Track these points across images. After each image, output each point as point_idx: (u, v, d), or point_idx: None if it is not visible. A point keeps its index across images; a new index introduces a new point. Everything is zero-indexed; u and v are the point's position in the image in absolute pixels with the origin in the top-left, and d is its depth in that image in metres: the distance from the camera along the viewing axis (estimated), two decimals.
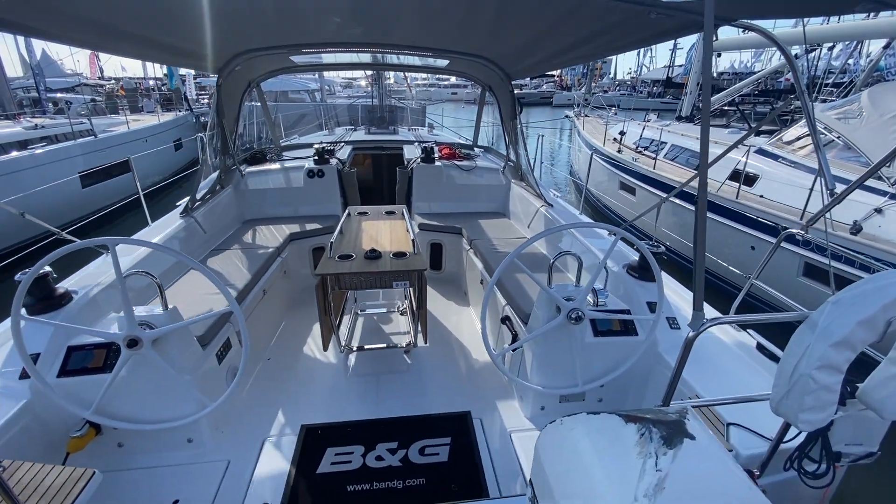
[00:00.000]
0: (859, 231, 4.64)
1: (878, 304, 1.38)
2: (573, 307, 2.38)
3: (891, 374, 1.61)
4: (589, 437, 1.25)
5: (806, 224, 2.47)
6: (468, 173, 5.03)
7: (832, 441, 1.76)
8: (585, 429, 1.25)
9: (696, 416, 1.27)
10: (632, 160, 8.55)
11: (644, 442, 1.14)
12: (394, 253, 2.90)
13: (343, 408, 2.82)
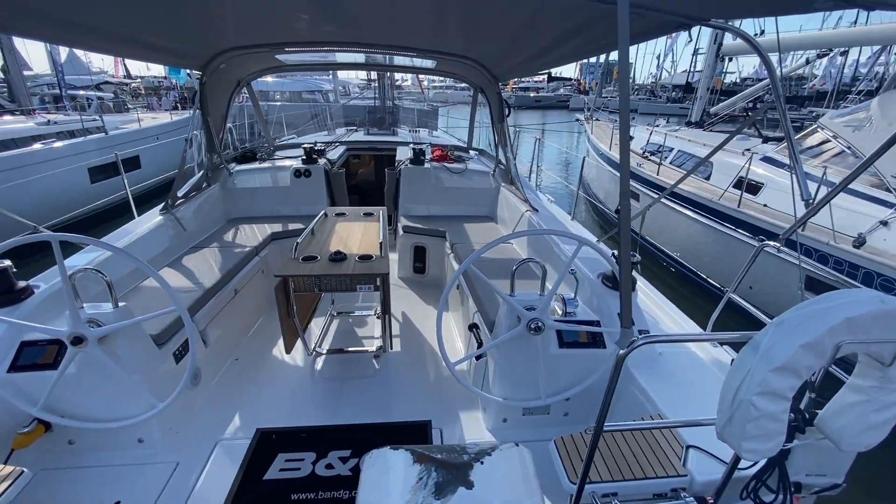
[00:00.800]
0: (863, 244, 4.42)
1: (823, 327, 1.27)
2: (533, 317, 2.30)
3: (849, 402, 1.49)
4: (383, 474, 1.17)
5: (781, 237, 2.34)
6: (457, 176, 4.96)
7: (791, 470, 1.65)
8: (384, 465, 1.16)
9: (511, 455, 1.19)
10: (636, 165, 8.37)
11: (418, 488, 1.06)
12: (359, 256, 2.85)
13: (302, 412, 2.77)
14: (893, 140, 1.97)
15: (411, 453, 1.09)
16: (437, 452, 1.08)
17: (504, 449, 1.24)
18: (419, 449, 1.12)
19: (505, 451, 1.23)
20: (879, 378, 1.40)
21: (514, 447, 1.33)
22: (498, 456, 1.19)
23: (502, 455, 1.20)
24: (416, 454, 1.10)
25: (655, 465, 1.91)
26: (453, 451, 1.14)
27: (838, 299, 1.32)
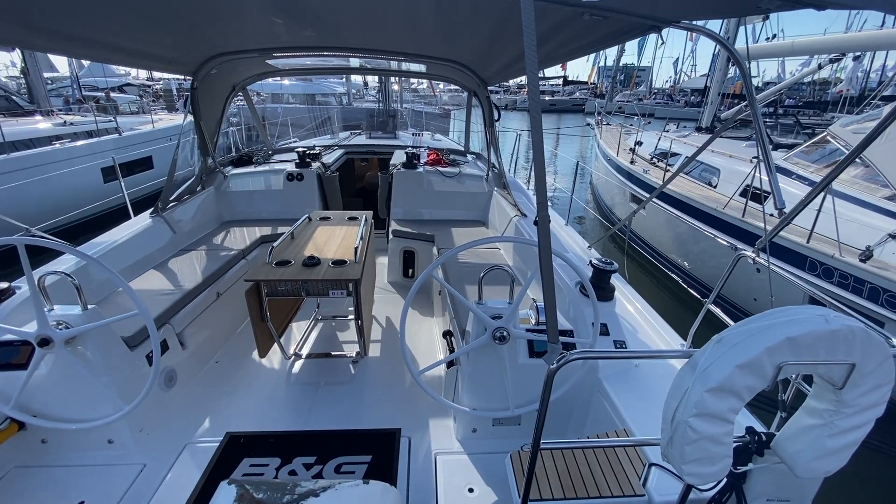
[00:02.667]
0: (869, 258, 4.25)
1: (760, 347, 1.20)
2: (498, 326, 2.26)
3: (805, 425, 1.41)
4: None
5: (757, 248, 2.25)
6: (450, 180, 4.93)
7: (750, 494, 1.58)
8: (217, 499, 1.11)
9: (360, 495, 1.05)
10: (643, 171, 8.22)
11: None
12: (333, 261, 2.84)
13: (274, 417, 2.77)
14: (869, 141, 1.88)
15: (237, 487, 0.97)
16: (264, 491, 0.93)
17: (353, 487, 1.04)
18: (248, 485, 0.98)
19: (352, 490, 1.03)
20: (834, 402, 1.33)
21: (372, 486, 1.11)
22: (335, 496, 1.00)
23: (346, 495, 1.02)
24: (240, 490, 0.97)
25: (613, 484, 1.84)
26: (280, 490, 0.96)
27: (781, 317, 1.25)
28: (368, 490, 1.09)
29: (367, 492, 1.06)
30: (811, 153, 6.25)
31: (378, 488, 1.11)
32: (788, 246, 4.91)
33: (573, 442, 1.57)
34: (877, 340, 1.24)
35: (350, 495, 1.00)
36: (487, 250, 4.03)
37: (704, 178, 7.33)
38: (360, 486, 1.05)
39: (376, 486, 1.11)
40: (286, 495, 0.85)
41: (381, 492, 1.12)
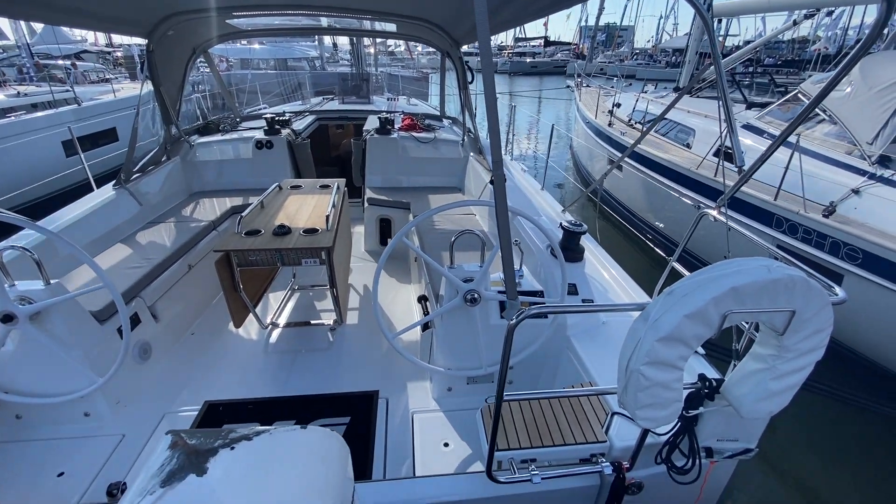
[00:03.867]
0: (832, 213, 4.39)
1: (707, 297, 1.25)
2: (469, 289, 2.30)
3: (750, 370, 1.50)
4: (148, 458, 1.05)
5: (718, 204, 2.31)
6: (425, 146, 4.86)
7: (702, 436, 1.68)
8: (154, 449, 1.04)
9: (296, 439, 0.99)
10: (620, 134, 8.21)
11: (154, 475, 0.90)
12: (305, 229, 2.82)
13: (252, 385, 2.80)
14: (824, 95, 1.91)
15: (171, 436, 0.92)
16: (197, 437, 0.88)
17: (289, 432, 0.99)
18: (183, 433, 0.92)
19: (288, 436, 0.97)
20: (776, 347, 1.40)
21: (310, 431, 1.04)
22: (270, 441, 0.94)
23: (280, 439, 0.96)
24: (174, 437, 0.91)
25: (577, 432, 1.94)
26: (213, 436, 0.91)
27: (727, 268, 1.30)
28: (306, 436, 1.02)
29: (305, 438, 1.00)
30: (784, 112, 6.30)
31: (316, 434, 1.04)
32: (756, 203, 5.03)
33: (534, 393, 1.64)
34: (816, 288, 1.30)
35: (285, 440, 0.96)
36: (463, 216, 4.04)
37: (680, 139, 7.36)
38: (296, 432, 1.01)
39: (314, 431, 1.06)
40: (218, 440, 0.83)
41: (320, 438, 1.03)
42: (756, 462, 3.48)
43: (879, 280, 3.91)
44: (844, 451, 3.59)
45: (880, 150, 4.49)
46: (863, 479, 3.37)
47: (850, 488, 3.31)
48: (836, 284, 1.59)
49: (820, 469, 3.46)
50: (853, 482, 3.35)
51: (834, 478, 3.38)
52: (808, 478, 3.40)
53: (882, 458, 3.52)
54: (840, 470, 3.44)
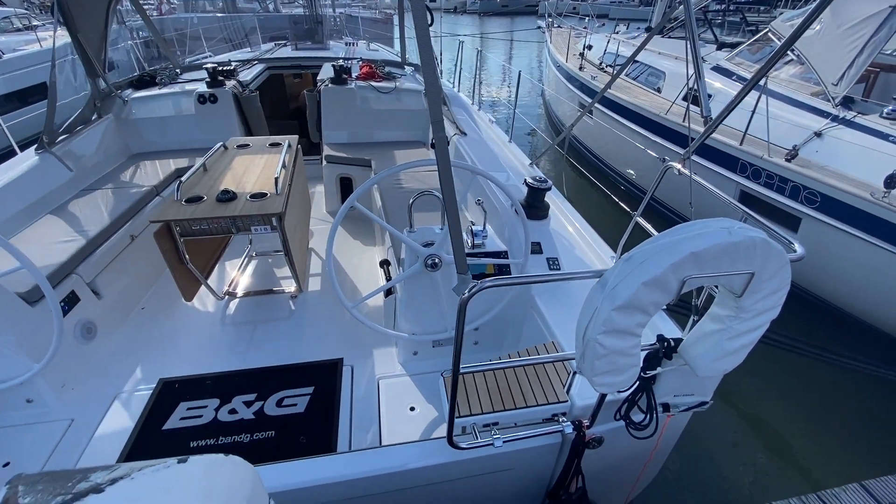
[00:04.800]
0: (795, 157, 4.40)
1: (665, 263, 1.20)
2: (430, 253, 2.21)
3: (706, 331, 1.48)
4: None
5: (683, 156, 2.23)
6: (386, 96, 4.56)
7: (659, 392, 1.69)
8: None
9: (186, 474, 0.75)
10: (591, 78, 7.95)
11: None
12: (252, 194, 2.62)
13: (211, 359, 2.70)
14: (796, 36, 1.81)
15: (6, 488, 0.66)
16: (43, 482, 0.65)
17: (160, 471, 0.72)
18: (23, 482, 0.66)
19: (156, 477, 0.71)
20: (734, 308, 1.38)
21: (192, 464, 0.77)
22: (130, 488, 0.68)
23: (144, 485, 0.70)
24: (9, 490, 0.65)
25: (540, 394, 1.94)
26: (61, 484, 0.65)
27: (687, 232, 1.24)
28: (184, 472, 0.74)
29: (181, 474, 0.73)
30: (755, 52, 6.17)
31: (198, 467, 0.76)
32: (721, 149, 5.01)
33: (490, 364, 1.60)
34: (776, 249, 1.26)
35: (149, 484, 0.69)
36: (428, 173, 3.86)
37: (651, 83, 7.19)
38: (170, 469, 0.73)
39: (196, 463, 0.77)
40: (59, 496, 0.62)
41: (203, 471, 0.76)
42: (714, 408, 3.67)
43: (834, 223, 4.01)
44: (797, 397, 3.82)
45: (844, 92, 4.47)
46: (820, 426, 3.62)
47: (805, 433, 3.54)
48: (793, 231, 1.58)
49: (774, 415, 3.68)
50: (808, 428, 3.59)
51: (790, 424, 3.61)
52: (764, 423, 3.62)
53: (835, 405, 3.77)
54: (792, 413, 3.68)
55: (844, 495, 1.57)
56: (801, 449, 3.30)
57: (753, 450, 3.30)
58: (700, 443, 3.32)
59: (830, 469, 3.14)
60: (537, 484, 2.02)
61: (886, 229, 3.67)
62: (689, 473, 3.11)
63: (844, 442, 3.34)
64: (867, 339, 4.18)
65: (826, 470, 3.14)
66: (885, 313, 3.95)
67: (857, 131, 4.25)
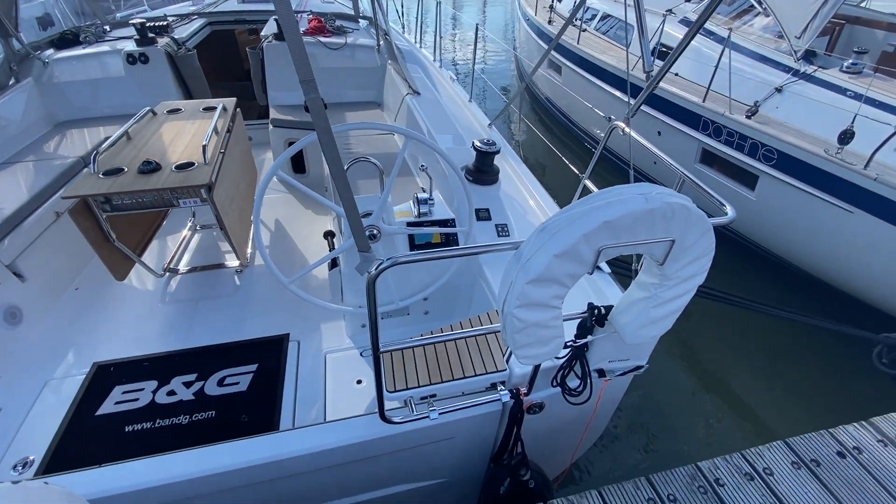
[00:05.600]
0: (755, 114, 4.36)
1: (578, 234, 1.13)
2: (368, 224, 2.10)
3: (633, 299, 1.45)
4: None
5: (626, 115, 2.14)
6: (336, 53, 4.26)
7: (594, 359, 1.69)
8: None
9: None
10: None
11: None
12: (177, 165, 2.42)
13: (150, 340, 2.58)
14: None
15: None
16: None
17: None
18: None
19: None
20: (658, 275, 1.35)
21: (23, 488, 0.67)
22: None
23: None
24: None
25: (479, 364, 1.92)
26: None
27: (601, 199, 1.17)
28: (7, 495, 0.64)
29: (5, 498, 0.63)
30: (729, 4, 6.00)
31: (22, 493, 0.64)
32: (685, 106, 4.94)
33: (413, 341, 1.54)
34: (696, 215, 1.21)
35: None
36: (380, 138, 3.67)
37: (619, 38, 6.96)
38: None
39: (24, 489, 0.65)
40: None
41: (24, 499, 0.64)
42: (666, 366, 3.78)
43: (790, 180, 4.04)
44: (749, 351, 3.95)
45: (806, 45, 4.40)
46: (770, 380, 3.76)
47: (755, 388, 3.68)
48: (751, 189, 1.54)
49: (725, 370, 3.81)
50: (759, 382, 3.73)
51: (741, 378, 3.74)
52: (715, 378, 3.74)
53: (786, 359, 3.91)
54: (744, 367, 3.81)
55: (768, 453, 1.62)
56: (752, 402, 3.45)
57: (703, 404, 3.44)
58: (651, 399, 3.43)
59: (777, 421, 3.30)
60: (481, 449, 2.04)
61: (839, 186, 3.71)
62: (637, 430, 3.22)
63: (793, 395, 3.50)
64: (818, 293, 4.33)
65: (773, 422, 3.30)
66: (837, 269, 4.06)
67: (817, 86, 4.22)
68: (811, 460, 1.60)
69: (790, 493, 1.48)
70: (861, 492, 1.49)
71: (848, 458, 1.59)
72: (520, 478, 1.94)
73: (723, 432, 3.22)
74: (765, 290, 4.53)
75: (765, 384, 3.54)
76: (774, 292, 4.50)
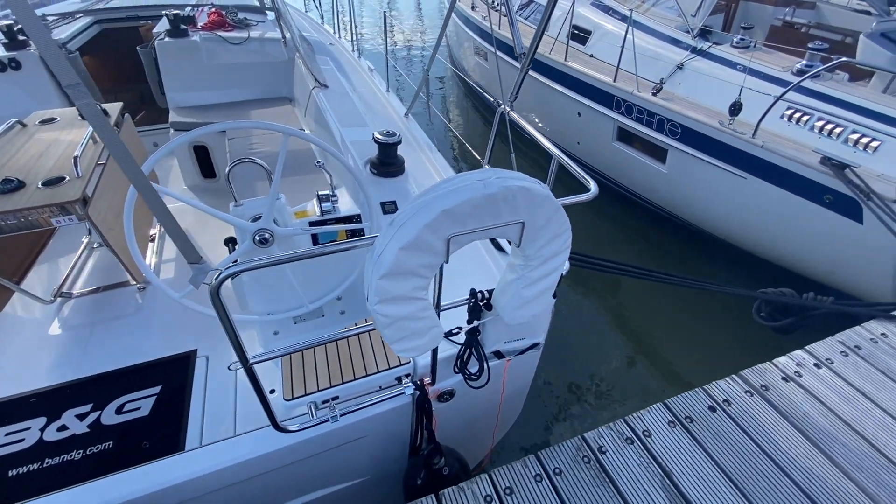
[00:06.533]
0: (660, 91, 4.58)
1: (419, 225, 1.13)
2: (259, 228, 2.02)
3: (507, 281, 1.48)
4: None
5: (509, 101, 2.18)
6: (237, 48, 4.05)
7: (489, 342, 1.72)
8: None
9: None
10: (481, 18, 7.67)
11: None
12: (45, 180, 2.22)
13: (35, 374, 2.38)
14: None
15: None
16: None
17: None
18: None
19: None
20: (522, 257, 1.39)
21: None
22: None
23: None
24: None
25: (382, 360, 1.92)
26: None
27: (442, 189, 1.18)
28: None
29: None
30: None
31: None
32: (599, 86, 5.10)
33: (286, 349, 1.51)
34: (540, 196, 1.24)
35: None
36: (293, 139, 3.54)
37: (539, 21, 7.07)
38: None
39: None
40: None
41: None
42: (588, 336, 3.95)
43: (693, 151, 4.29)
44: (662, 316, 4.20)
45: (701, 23, 4.65)
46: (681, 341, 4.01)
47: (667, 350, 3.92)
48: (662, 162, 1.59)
49: (644, 334, 4.03)
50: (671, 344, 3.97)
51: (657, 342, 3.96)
52: (633, 344, 3.95)
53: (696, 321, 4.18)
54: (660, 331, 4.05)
55: (648, 415, 1.73)
56: (663, 357, 3.69)
57: (621, 373, 3.63)
58: (571, 369, 3.58)
59: (684, 378, 3.54)
60: (398, 444, 2.05)
61: (733, 154, 3.98)
62: (562, 405, 3.36)
63: (697, 350, 3.77)
64: (727, 256, 4.67)
65: (681, 379, 3.54)
66: (738, 230, 4.39)
67: (713, 62, 4.48)
68: (685, 417, 1.72)
69: (664, 450, 1.60)
70: (726, 440, 1.64)
71: (718, 412, 1.74)
72: (433, 467, 1.97)
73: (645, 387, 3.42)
74: (683, 259, 4.84)
75: (674, 344, 3.79)
76: (692, 261, 4.81)
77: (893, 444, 1.66)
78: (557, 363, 3.61)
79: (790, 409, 1.76)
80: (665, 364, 3.66)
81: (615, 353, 3.76)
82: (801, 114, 3.78)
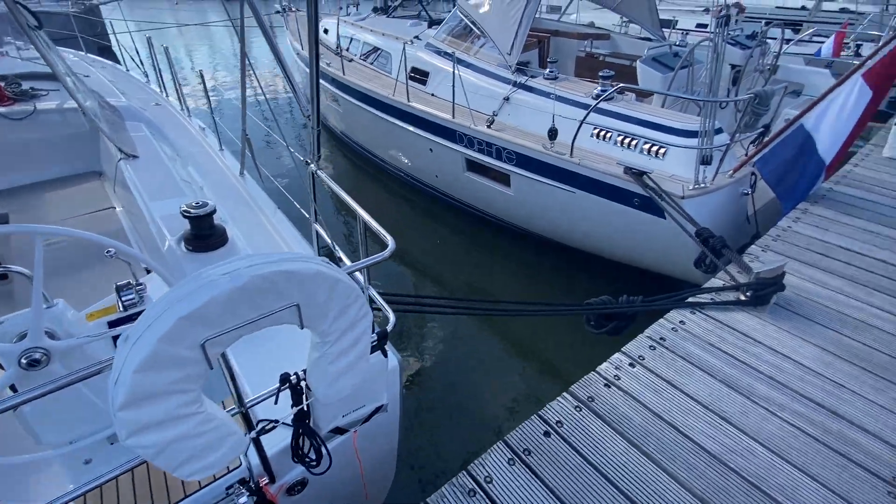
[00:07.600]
0: (493, 122, 4.96)
1: (153, 340, 0.96)
2: (25, 349, 1.66)
3: (313, 360, 1.37)
4: None
5: (312, 161, 2.14)
6: (24, 124, 3.48)
7: (324, 421, 1.57)
8: None
9: None
10: (326, 65, 7.69)
11: None
12: None
13: None
14: None
15: None
16: None
17: None
18: None
19: None
20: (318, 334, 1.30)
21: None
22: None
23: None
24: None
25: None
26: None
27: (178, 291, 1.03)
28: None
29: None
30: (454, 28, 6.67)
31: None
32: (442, 123, 5.37)
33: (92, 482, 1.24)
34: (309, 275, 1.16)
35: None
36: (98, 215, 3.10)
37: (382, 66, 7.30)
38: None
39: None
40: None
41: None
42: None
43: (529, 174, 4.72)
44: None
45: (516, 59, 5.16)
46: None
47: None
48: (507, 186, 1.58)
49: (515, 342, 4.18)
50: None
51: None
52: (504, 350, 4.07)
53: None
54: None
55: (489, 458, 1.71)
56: (518, 380, 3.85)
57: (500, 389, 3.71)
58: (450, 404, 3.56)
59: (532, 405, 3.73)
60: None
61: (560, 173, 4.44)
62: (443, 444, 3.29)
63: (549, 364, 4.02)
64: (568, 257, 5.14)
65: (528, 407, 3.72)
66: (578, 237, 4.93)
67: (530, 93, 4.98)
68: (524, 451, 1.75)
69: (505, 495, 1.59)
70: (560, 464, 1.69)
71: (552, 436, 1.80)
72: None
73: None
74: (540, 264, 5.23)
75: (524, 361, 3.98)
76: (564, 271, 5.21)
77: (698, 427, 1.87)
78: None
79: (613, 415, 1.89)
80: (509, 394, 3.74)
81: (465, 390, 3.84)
82: (604, 131, 4.35)
